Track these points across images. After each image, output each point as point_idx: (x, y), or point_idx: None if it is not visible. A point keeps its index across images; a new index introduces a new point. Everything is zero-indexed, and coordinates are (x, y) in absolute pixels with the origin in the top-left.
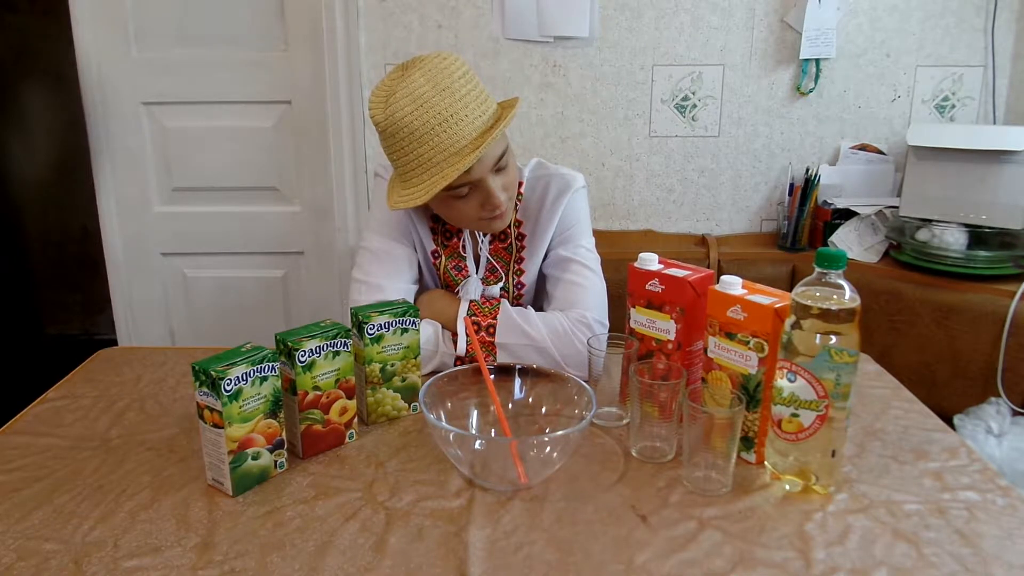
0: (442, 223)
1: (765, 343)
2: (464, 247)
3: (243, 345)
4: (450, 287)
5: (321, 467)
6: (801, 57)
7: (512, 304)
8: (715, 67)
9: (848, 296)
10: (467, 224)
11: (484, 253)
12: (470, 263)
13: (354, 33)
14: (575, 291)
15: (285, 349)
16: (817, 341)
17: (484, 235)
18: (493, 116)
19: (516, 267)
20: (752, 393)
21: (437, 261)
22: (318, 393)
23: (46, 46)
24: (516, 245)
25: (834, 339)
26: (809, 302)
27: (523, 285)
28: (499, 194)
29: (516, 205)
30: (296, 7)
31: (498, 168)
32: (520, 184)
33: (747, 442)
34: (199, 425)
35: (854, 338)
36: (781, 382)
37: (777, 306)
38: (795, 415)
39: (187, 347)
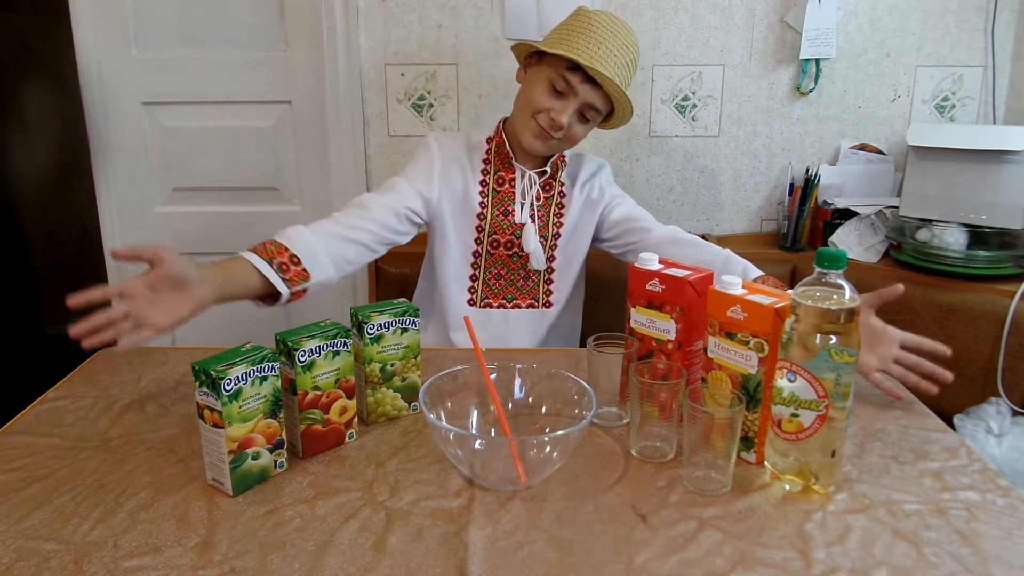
0: (494, 172)
1: (765, 343)
2: (515, 184)
3: (243, 345)
4: (496, 233)
5: (321, 467)
6: (801, 57)
7: (547, 256)
8: (715, 67)
9: (848, 296)
10: (523, 117)
11: (531, 195)
12: (516, 207)
13: (354, 33)
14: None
15: (285, 349)
16: (817, 341)
17: (532, 184)
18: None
19: (557, 210)
20: (752, 393)
21: (484, 210)
22: (318, 393)
23: (46, 46)
24: (557, 199)
25: (834, 339)
26: (809, 302)
27: (560, 236)
28: (565, 120)
29: (562, 168)
30: (296, 7)
31: (582, 114)
32: (564, 158)
33: (747, 442)
34: (199, 425)
35: (854, 338)
36: (781, 382)
37: (777, 306)
38: (795, 415)
39: (187, 347)
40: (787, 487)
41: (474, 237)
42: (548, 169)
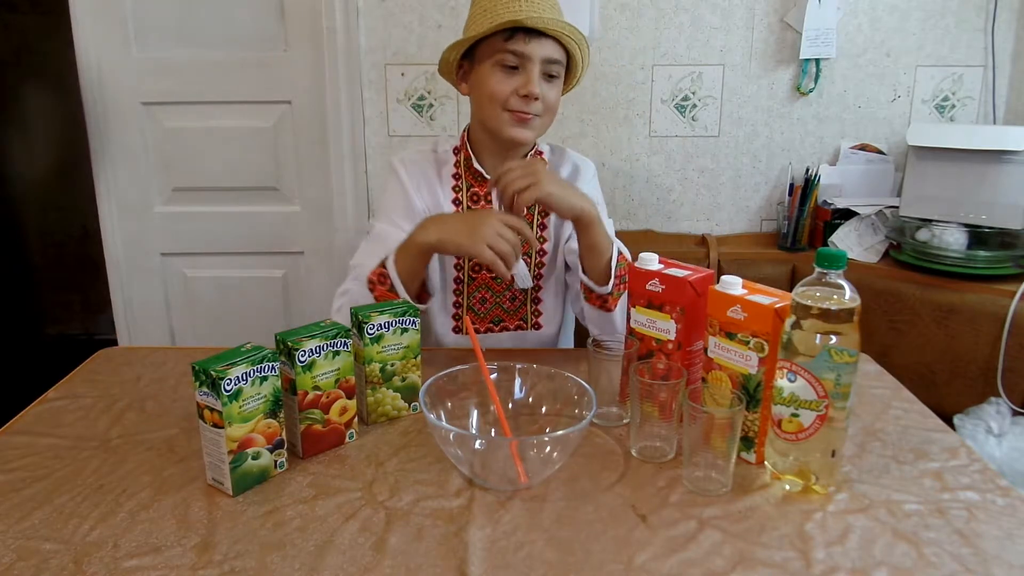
0: (467, 188)
1: (765, 343)
2: (491, 200)
3: (243, 345)
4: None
5: (321, 467)
6: (801, 57)
7: (533, 277)
8: (715, 67)
9: (848, 296)
10: (494, 115)
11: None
12: None
13: (354, 33)
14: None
15: (285, 349)
16: (817, 341)
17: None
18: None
19: (540, 220)
20: (752, 393)
21: None
22: (318, 393)
23: (46, 46)
24: (538, 208)
25: (834, 339)
26: (809, 302)
27: (545, 252)
28: (535, 88)
29: None
30: (296, 7)
31: (548, 73)
32: (541, 153)
33: (747, 442)
34: (199, 425)
35: (854, 338)
36: (781, 382)
37: (777, 306)
38: (795, 415)
39: (187, 347)
40: (787, 487)
41: (454, 263)
42: None
